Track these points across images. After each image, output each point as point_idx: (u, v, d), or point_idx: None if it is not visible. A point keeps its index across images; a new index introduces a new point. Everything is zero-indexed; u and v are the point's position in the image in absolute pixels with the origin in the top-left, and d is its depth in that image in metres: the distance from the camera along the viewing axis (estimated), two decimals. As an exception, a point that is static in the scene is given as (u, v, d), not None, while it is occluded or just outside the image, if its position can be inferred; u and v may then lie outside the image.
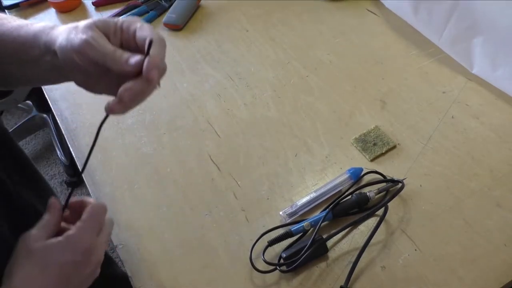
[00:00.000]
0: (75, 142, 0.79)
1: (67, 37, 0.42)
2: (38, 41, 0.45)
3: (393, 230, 0.61)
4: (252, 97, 0.82)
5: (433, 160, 0.68)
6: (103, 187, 0.71)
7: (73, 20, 0.44)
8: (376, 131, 0.73)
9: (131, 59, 0.41)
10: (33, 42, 0.45)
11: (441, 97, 0.77)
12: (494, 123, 0.72)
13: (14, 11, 1.09)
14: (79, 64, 0.42)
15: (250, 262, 0.59)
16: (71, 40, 0.42)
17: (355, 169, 0.66)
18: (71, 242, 0.42)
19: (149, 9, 1.03)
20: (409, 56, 0.85)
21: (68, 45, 0.42)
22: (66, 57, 0.42)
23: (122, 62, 0.41)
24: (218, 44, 0.94)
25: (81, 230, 0.43)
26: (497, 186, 0.64)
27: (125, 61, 0.41)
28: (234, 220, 0.65)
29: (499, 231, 0.60)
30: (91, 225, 0.44)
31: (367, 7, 0.97)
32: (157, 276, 0.60)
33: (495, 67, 0.76)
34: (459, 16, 0.78)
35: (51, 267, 0.40)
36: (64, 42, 0.42)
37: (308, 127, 0.76)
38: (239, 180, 0.70)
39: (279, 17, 0.98)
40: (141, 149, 0.76)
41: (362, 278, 0.57)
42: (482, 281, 0.55)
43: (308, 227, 0.60)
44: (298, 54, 0.89)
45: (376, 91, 0.80)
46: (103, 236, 0.45)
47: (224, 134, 0.76)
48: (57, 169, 1.80)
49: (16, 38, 0.46)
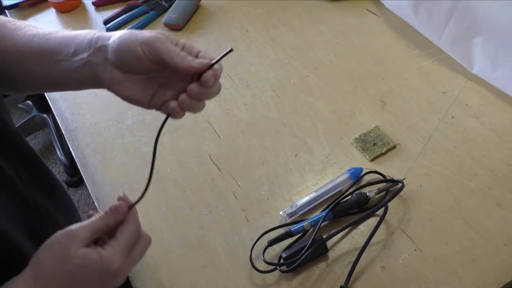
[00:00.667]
0: (75, 142, 0.79)
1: (130, 32, 0.45)
2: (72, 42, 0.48)
3: (393, 230, 0.61)
4: (252, 97, 0.82)
5: (433, 160, 0.68)
6: (103, 187, 0.71)
7: (73, 20, 0.45)
8: (376, 131, 0.73)
9: (197, 60, 0.44)
10: (67, 43, 0.48)
11: (441, 97, 0.77)
12: (494, 123, 0.72)
13: (14, 11, 1.09)
14: (139, 56, 0.44)
15: (250, 262, 0.59)
16: (137, 34, 0.45)
17: (355, 169, 0.66)
18: (104, 265, 0.40)
19: (149, 9, 1.03)
20: (409, 56, 0.85)
21: (133, 36, 0.45)
22: (125, 48, 0.44)
23: (188, 60, 0.44)
24: (218, 44, 0.94)
25: (116, 255, 0.41)
26: (497, 186, 0.64)
27: (191, 59, 0.44)
28: (234, 220, 0.65)
29: (499, 231, 0.60)
30: (125, 251, 0.42)
31: (367, 7, 0.97)
32: (157, 276, 0.60)
33: (495, 67, 0.76)
34: (459, 16, 0.78)
35: (79, 280, 0.40)
36: (127, 35, 0.45)
37: (308, 127, 0.76)
38: (239, 180, 0.70)
39: (279, 17, 0.98)
40: (141, 149, 0.76)
41: (362, 278, 0.57)
42: (482, 281, 0.55)
43: (308, 227, 0.60)
44: (298, 54, 0.89)
45: (376, 91, 0.80)
46: (134, 259, 0.43)
47: (224, 134, 0.76)
48: (57, 169, 1.80)
49: (47, 41, 0.49)
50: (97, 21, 1.03)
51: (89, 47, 0.47)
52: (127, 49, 0.44)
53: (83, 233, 0.40)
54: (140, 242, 0.44)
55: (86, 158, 0.76)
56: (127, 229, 0.43)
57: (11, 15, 1.09)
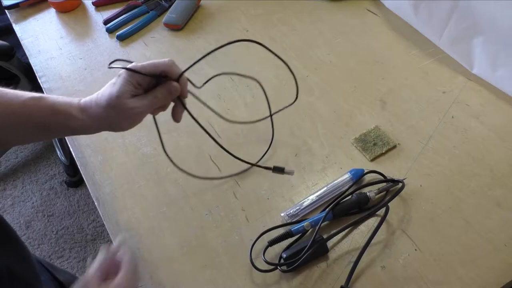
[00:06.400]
0: (75, 142, 0.79)
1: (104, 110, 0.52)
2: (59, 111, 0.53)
3: (393, 230, 0.61)
4: (252, 97, 0.82)
5: (433, 160, 0.68)
6: (103, 187, 0.71)
7: (73, 20, 0.45)
8: (376, 131, 0.73)
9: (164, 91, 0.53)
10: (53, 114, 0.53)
11: (441, 97, 0.77)
12: (494, 123, 0.72)
13: (14, 11, 1.09)
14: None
15: (250, 262, 0.59)
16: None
17: (356, 170, 0.66)
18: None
19: (149, 9, 1.03)
20: (409, 56, 0.85)
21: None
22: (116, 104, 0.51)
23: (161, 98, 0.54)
24: (218, 44, 0.94)
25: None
26: (497, 186, 0.64)
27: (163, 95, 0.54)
28: (234, 220, 0.65)
29: (499, 231, 0.60)
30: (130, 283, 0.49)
31: (367, 7, 0.97)
32: (157, 276, 0.60)
33: (495, 67, 0.76)
34: (459, 16, 0.78)
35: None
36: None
37: (308, 127, 0.76)
38: (239, 180, 0.70)
39: (279, 17, 0.98)
40: (141, 149, 0.76)
41: (362, 278, 0.57)
42: (482, 281, 0.55)
43: (308, 227, 0.60)
44: (298, 54, 0.89)
45: (376, 91, 0.80)
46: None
47: (224, 134, 0.76)
48: (57, 169, 1.80)
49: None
50: (97, 21, 1.03)
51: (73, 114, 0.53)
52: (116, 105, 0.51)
53: (94, 272, 0.48)
54: None
55: (86, 158, 0.76)
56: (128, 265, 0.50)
57: (11, 15, 1.09)
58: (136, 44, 0.97)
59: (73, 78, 0.91)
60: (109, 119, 0.52)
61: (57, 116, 0.51)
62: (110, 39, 0.99)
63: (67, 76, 0.91)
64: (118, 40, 0.97)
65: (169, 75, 0.53)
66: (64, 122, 0.52)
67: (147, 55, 0.93)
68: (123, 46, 0.97)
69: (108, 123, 0.52)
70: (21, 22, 1.07)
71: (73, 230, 1.61)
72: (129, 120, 0.52)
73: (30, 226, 1.63)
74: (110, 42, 0.98)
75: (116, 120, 0.52)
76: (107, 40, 0.98)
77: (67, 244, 1.57)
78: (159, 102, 0.52)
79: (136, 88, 0.51)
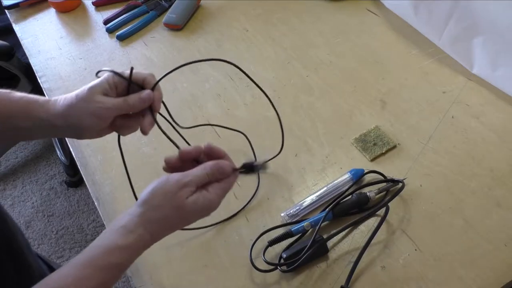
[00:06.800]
0: (75, 142, 0.79)
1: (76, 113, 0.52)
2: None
3: (393, 230, 0.61)
4: (252, 97, 0.82)
5: (433, 160, 0.68)
6: (103, 187, 0.71)
7: (73, 20, 0.45)
8: (376, 131, 0.73)
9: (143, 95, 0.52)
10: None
11: (441, 97, 0.77)
12: (494, 123, 0.72)
13: (14, 11, 1.09)
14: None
15: (250, 262, 0.59)
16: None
17: (357, 170, 0.66)
18: (211, 207, 0.47)
19: (149, 9, 1.03)
20: (409, 56, 0.85)
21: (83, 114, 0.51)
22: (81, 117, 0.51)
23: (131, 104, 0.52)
24: (218, 44, 0.94)
25: (219, 198, 0.48)
26: (497, 186, 0.64)
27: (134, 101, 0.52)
28: (234, 220, 0.65)
29: (499, 231, 0.60)
30: (224, 193, 0.49)
31: (367, 7, 0.97)
32: (157, 276, 0.60)
33: (495, 67, 0.76)
34: (459, 16, 0.78)
35: (186, 220, 0.48)
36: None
37: (308, 127, 0.76)
38: (239, 180, 0.70)
39: (279, 17, 0.98)
40: (141, 149, 0.76)
41: (362, 278, 0.57)
42: (482, 281, 0.55)
43: (308, 227, 0.60)
44: (298, 54, 0.89)
45: (376, 91, 0.80)
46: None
47: (224, 134, 0.76)
48: (57, 169, 1.80)
49: None
50: (97, 21, 1.03)
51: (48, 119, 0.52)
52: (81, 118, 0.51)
53: (192, 186, 0.46)
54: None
55: (86, 158, 0.76)
56: (228, 182, 0.50)
57: (11, 15, 1.09)
58: (136, 44, 0.97)
59: (73, 78, 0.91)
60: (74, 111, 0.51)
61: (24, 104, 0.52)
62: (110, 39, 0.99)
63: (67, 76, 0.91)
64: (118, 40, 0.97)
65: (146, 86, 0.53)
66: (27, 107, 0.52)
67: (147, 55, 0.93)
68: (123, 46, 0.97)
69: (73, 115, 0.51)
70: (21, 22, 1.07)
71: (73, 230, 1.61)
72: (92, 117, 0.51)
73: (30, 226, 1.63)
74: (110, 42, 0.98)
75: (79, 113, 0.51)
76: (107, 40, 0.98)
77: (67, 244, 1.57)
78: (128, 107, 0.52)
79: (110, 88, 0.51)
